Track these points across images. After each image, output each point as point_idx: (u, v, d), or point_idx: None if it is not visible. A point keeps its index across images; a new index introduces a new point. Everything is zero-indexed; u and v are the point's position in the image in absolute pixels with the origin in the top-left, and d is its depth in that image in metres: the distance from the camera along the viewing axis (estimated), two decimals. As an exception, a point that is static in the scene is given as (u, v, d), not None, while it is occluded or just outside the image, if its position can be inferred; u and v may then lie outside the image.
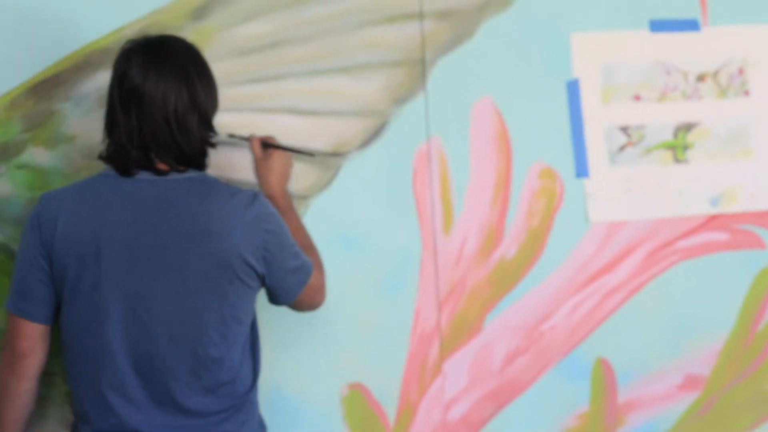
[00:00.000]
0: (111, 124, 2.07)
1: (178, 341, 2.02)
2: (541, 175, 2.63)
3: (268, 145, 2.37)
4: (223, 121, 2.46)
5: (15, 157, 2.38)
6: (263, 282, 2.12)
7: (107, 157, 2.08)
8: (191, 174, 2.07)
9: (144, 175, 2.05)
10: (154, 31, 2.42)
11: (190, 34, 2.45)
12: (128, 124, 2.03)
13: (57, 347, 2.12)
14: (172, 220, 2.01)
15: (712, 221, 2.70)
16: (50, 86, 2.40)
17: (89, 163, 2.40)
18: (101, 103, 2.40)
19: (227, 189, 2.09)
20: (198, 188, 2.06)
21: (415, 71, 2.57)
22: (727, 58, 2.72)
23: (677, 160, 2.69)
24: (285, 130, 2.48)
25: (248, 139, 2.38)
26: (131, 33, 2.42)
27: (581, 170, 2.64)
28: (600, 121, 2.66)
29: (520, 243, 2.61)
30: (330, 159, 2.53)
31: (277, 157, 2.35)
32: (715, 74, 2.72)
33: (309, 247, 2.31)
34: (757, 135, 2.72)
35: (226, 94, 2.47)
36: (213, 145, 2.12)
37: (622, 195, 2.66)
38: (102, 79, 2.40)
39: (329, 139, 2.53)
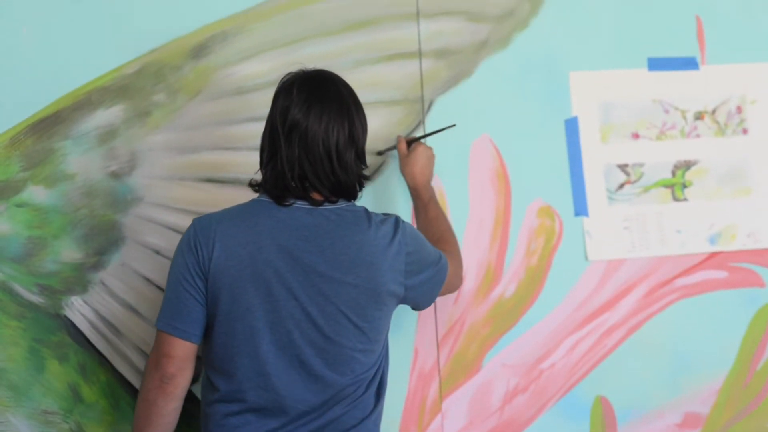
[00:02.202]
0: (270, 154, 2.10)
1: (330, 364, 2.08)
2: (540, 214, 2.63)
3: (411, 141, 2.49)
4: (221, 160, 2.47)
5: (14, 195, 2.37)
6: (403, 298, 2.19)
7: (262, 185, 2.12)
8: (343, 204, 2.13)
9: (299, 204, 2.09)
10: (153, 69, 2.44)
11: (189, 72, 2.45)
12: (291, 155, 2.07)
13: (63, 387, 2.10)
14: (326, 249, 2.07)
15: (711, 259, 2.69)
16: (50, 124, 2.40)
17: (89, 201, 2.40)
18: (101, 142, 2.41)
19: (375, 219, 2.14)
20: (350, 219, 2.11)
21: (414, 109, 2.58)
22: (725, 97, 2.73)
23: (676, 198, 2.69)
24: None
25: (394, 147, 2.51)
26: (130, 71, 2.43)
27: (580, 208, 2.64)
28: (598, 159, 2.66)
29: (519, 281, 2.61)
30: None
31: (420, 151, 2.45)
32: (714, 112, 2.72)
33: (447, 233, 2.43)
34: (756, 173, 2.73)
35: (224, 132, 2.48)
36: (368, 178, 2.17)
37: (621, 233, 2.66)
38: (101, 117, 2.41)
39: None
